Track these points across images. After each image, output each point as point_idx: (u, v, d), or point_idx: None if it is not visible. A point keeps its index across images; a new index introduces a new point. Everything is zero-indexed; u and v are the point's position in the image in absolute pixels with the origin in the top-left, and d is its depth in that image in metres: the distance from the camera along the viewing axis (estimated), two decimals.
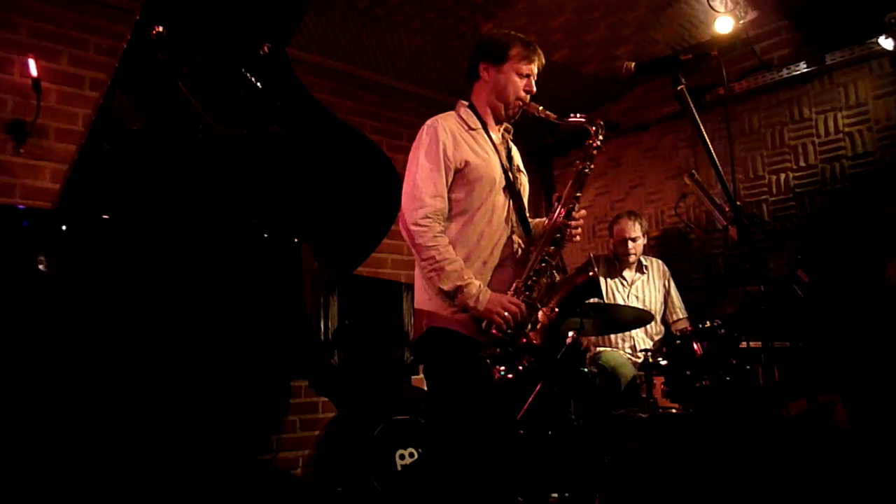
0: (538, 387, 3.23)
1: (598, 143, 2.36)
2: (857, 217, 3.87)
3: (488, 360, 2.11)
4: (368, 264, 3.19)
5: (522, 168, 2.50)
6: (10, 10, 3.34)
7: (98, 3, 3.59)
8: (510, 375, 2.12)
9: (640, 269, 4.10)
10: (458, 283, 2.12)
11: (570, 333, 3.25)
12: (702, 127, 2.06)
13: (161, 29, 2.24)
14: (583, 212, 2.34)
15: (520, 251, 2.32)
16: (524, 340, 2.15)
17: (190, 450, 2.38)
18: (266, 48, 2.53)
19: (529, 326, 2.17)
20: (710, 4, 3.82)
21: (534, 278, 2.22)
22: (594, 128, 2.36)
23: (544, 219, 2.45)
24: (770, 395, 2.80)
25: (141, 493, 2.21)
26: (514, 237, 2.31)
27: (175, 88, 2.51)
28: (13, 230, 1.92)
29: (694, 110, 2.06)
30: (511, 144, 2.48)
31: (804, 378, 2.79)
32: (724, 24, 3.92)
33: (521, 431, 3.27)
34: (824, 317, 3.08)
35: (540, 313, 2.20)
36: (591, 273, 2.30)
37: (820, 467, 2.58)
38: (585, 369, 3.54)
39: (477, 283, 2.14)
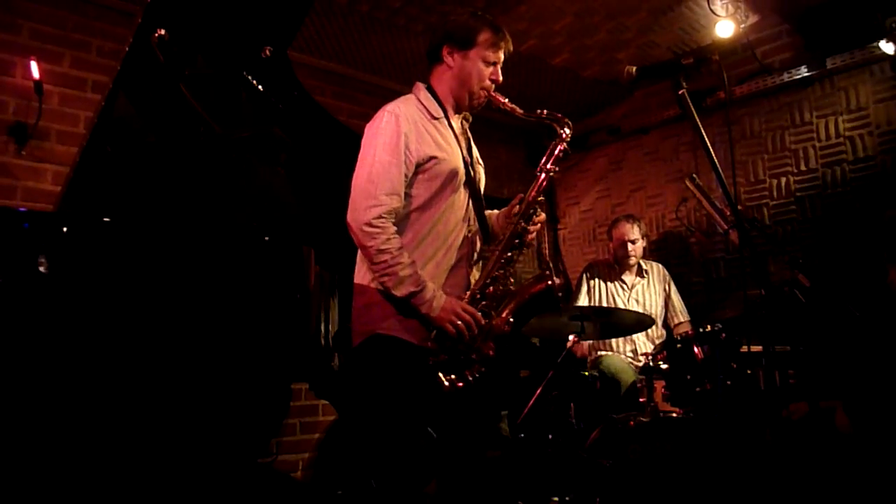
0: (538, 390, 3.23)
1: (564, 146, 2.21)
2: (857, 221, 3.87)
3: (439, 373, 2.00)
4: None
5: (480, 160, 2.36)
6: (13, 12, 3.35)
7: (100, 6, 3.59)
8: (460, 384, 2.01)
9: (641, 272, 4.10)
10: (412, 288, 1.98)
11: (571, 337, 3.25)
12: (703, 131, 2.05)
13: (163, 31, 2.24)
14: (542, 216, 2.21)
15: (475, 252, 2.21)
16: (476, 352, 2.04)
17: (191, 452, 2.38)
18: (268, 51, 2.53)
19: (483, 336, 2.06)
20: (710, 8, 3.83)
21: (490, 286, 2.11)
22: (561, 129, 2.21)
23: (496, 211, 2.36)
24: (771, 399, 2.79)
25: (142, 494, 2.21)
26: (471, 236, 2.18)
27: (177, 91, 2.51)
28: (14, 232, 1.92)
29: (695, 114, 2.05)
30: (469, 134, 2.32)
31: (805, 382, 2.79)
32: (725, 28, 3.93)
33: (522, 435, 3.27)
34: (825, 321, 3.07)
35: (494, 322, 2.09)
36: (548, 282, 2.18)
37: (821, 472, 2.58)
38: (586, 373, 3.54)
39: (431, 286, 2.01)
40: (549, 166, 2.20)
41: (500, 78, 2.22)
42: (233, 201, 2.75)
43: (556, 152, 2.21)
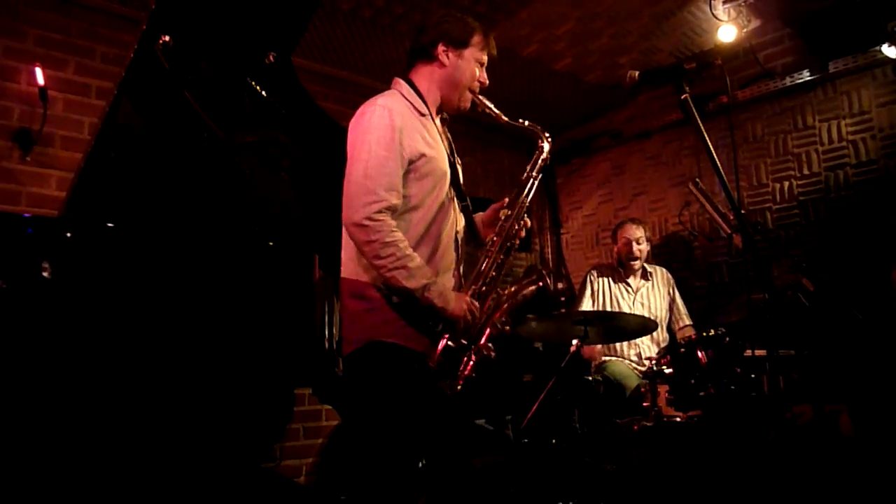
0: (542, 395, 3.22)
1: (546, 154, 2.26)
2: (861, 225, 3.86)
3: (435, 368, 1.96)
4: None
5: (458, 157, 2.31)
6: (18, 19, 3.36)
7: (105, 13, 3.61)
8: (458, 387, 1.97)
9: (645, 276, 4.10)
10: (424, 280, 1.91)
11: (575, 341, 3.24)
12: (705, 135, 2.06)
13: (167, 38, 2.25)
14: (527, 222, 2.23)
15: (462, 253, 2.18)
16: (476, 351, 2.02)
17: (195, 457, 2.38)
18: (271, 57, 2.54)
19: (480, 335, 2.05)
20: (713, 13, 3.83)
21: (485, 288, 2.09)
22: (541, 140, 2.26)
23: (480, 214, 2.35)
24: (775, 403, 2.78)
25: (147, 499, 2.21)
26: (459, 235, 2.16)
27: (181, 97, 2.52)
28: (18, 237, 1.92)
29: (698, 118, 2.06)
30: (448, 133, 2.29)
31: (809, 387, 2.78)
32: (727, 33, 3.93)
33: (526, 440, 3.26)
34: (829, 325, 3.07)
35: (493, 321, 2.08)
36: (540, 283, 2.21)
37: (825, 476, 2.57)
38: (590, 378, 3.53)
39: (440, 280, 1.98)
40: (533, 173, 2.24)
41: (487, 81, 2.23)
42: (236, 206, 2.76)
43: (539, 161, 2.26)
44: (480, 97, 2.22)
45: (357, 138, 2.00)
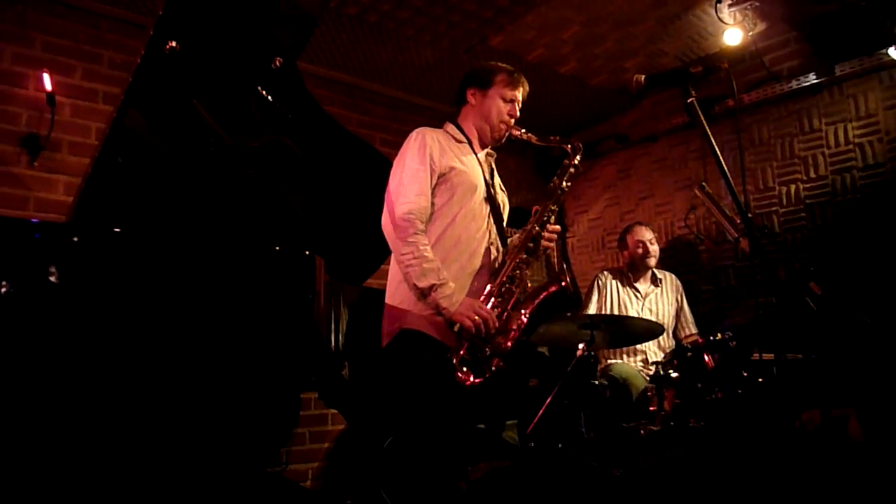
0: (548, 400, 3.22)
1: (576, 162, 2.49)
2: (868, 228, 3.84)
3: (455, 363, 2.18)
4: (378, 276, 3.19)
5: (503, 188, 2.62)
6: (26, 25, 3.39)
7: (112, 19, 3.63)
8: (478, 380, 2.19)
9: (655, 281, 4.08)
10: (433, 281, 2.18)
11: (581, 345, 3.24)
12: (712, 138, 2.05)
13: (174, 44, 2.26)
14: (557, 227, 2.44)
15: (497, 261, 2.40)
16: (494, 346, 2.23)
17: (201, 461, 2.38)
18: (278, 62, 2.55)
19: (500, 332, 2.26)
20: (718, 16, 3.83)
21: (507, 285, 2.31)
22: (571, 149, 2.51)
23: (520, 232, 2.54)
24: (783, 407, 2.77)
25: (154, 502, 2.21)
26: (492, 247, 2.40)
27: (187, 102, 2.53)
28: (26, 242, 1.93)
29: (704, 122, 2.05)
30: (493, 166, 2.60)
31: (818, 391, 2.77)
32: (732, 36, 3.93)
33: (532, 444, 3.25)
34: (837, 328, 3.05)
35: (511, 320, 2.29)
36: (562, 283, 2.37)
37: (833, 481, 2.56)
38: (596, 381, 3.52)
39: (452, 285, 2.21)
40: (562, 182, 2.48)
41: (518, 114, 2.51)
42: (243, 211, 2.77)
43: (569, 170, 2.50)
44: (515, 127, 2.52)
45: (398, 158, 2.39)
